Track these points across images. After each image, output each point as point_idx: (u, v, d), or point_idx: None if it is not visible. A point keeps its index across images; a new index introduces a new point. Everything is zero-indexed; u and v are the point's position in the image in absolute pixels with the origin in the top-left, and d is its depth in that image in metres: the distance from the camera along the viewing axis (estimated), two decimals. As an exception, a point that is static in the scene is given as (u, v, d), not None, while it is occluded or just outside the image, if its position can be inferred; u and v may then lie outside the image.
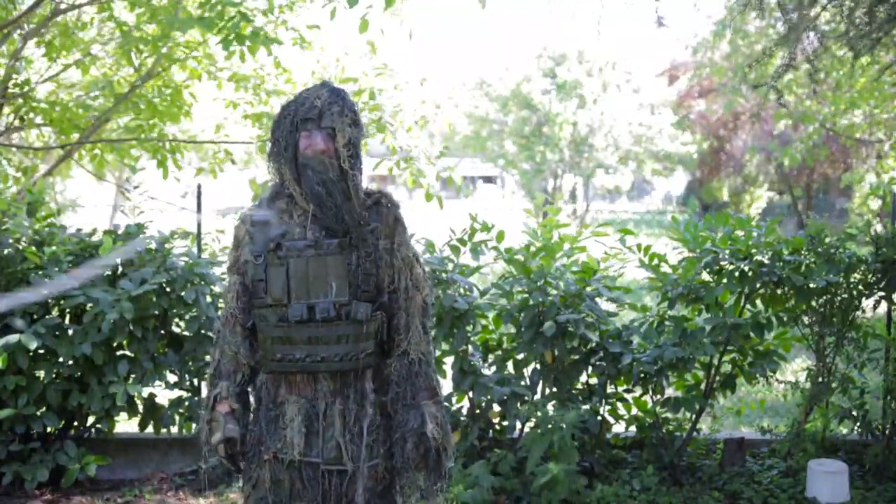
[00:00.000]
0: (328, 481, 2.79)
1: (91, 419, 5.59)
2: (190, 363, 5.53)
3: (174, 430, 5.54)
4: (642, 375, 5.34)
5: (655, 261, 5.49)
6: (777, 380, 5.67)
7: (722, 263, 5.37)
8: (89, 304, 5.24)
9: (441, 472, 2.83)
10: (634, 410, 5.63)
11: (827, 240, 5.38)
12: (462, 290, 5.37)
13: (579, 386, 5.52)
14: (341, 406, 2.79)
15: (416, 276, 2.88)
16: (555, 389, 5.41)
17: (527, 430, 5.34)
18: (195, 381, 5.57)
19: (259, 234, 2.83)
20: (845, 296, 5.39)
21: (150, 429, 5.62)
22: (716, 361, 5.47)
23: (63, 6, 6.89)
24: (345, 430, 2.79)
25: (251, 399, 2.93)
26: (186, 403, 5.50)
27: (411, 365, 2.83)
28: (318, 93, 2.83)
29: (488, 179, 42.31)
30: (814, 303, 5.41)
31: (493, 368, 5.52)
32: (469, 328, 5.33)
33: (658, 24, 5.51)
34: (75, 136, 7.44)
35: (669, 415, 5.55)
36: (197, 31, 6.61)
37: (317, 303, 2.75)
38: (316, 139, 2.77)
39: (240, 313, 2.86)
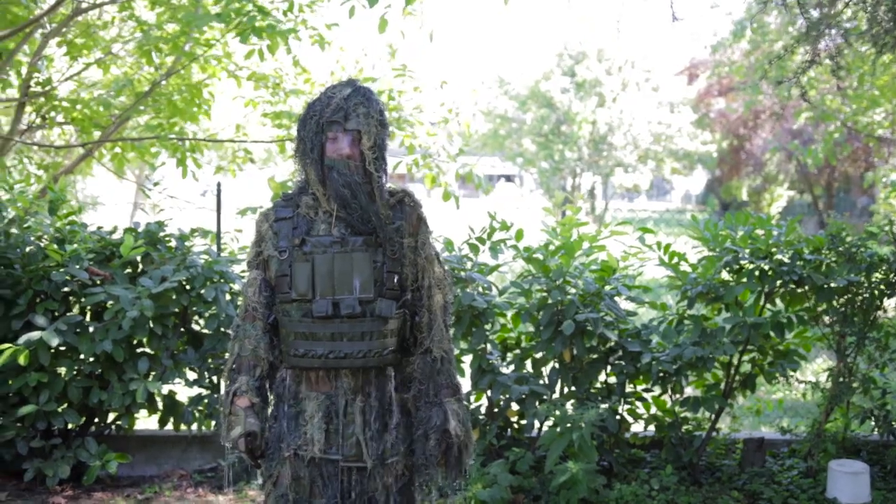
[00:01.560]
0: (348, 478, 2.80)
1: (112, 416, 5.63)
2: (209, 361, 5.56)
3: (194, 427, 5.57)
4: (661, 375, 5.33)
5: (675, 259, 5.47)
6: (797, 380, 5.63)
7: (742, 262, 5.34)
8: (110, 302, 5.28)
9: (462, 469, 2.83)
10: (653, 410, 5.61)
11: (848, 239, 5.34)
12: (481, 289, 5.37)
13: (598, 385, 5.51)
14: (362, 403, 2.80)
15: (437, 275, 2.88)
16: (573, 388, 5.40)
17: (545, 428, 5.33)
18: (215, 378, 5.60)
19: (283, 229, 2.84)
20: (867, 295, 5.34)
21: (169, 426, 5.66)
22: (735, 361, 5.44)
23: (84, 5, 6.93)
24: (365, 427, 2.79)
25: (269, 394, 2.94)
26: (206, 401, 5.53)
27: (434, 362, 2.84)
28: (344, 92, 2.81)
29: (508, 178, 42.29)
30: (835, 302, 5.36)
31: (512, 367, 5.52)
32: (488, 327, 5.33)
33: (672, 20, 5.51)
34: (96, 134, 7.49)
35: (689, 414, 5.53)
36: (215, 27, 6.64)
37: (342, 299, 2.75)
38: (342, 144, 2.76)
39: (260, 308, 2.85)
